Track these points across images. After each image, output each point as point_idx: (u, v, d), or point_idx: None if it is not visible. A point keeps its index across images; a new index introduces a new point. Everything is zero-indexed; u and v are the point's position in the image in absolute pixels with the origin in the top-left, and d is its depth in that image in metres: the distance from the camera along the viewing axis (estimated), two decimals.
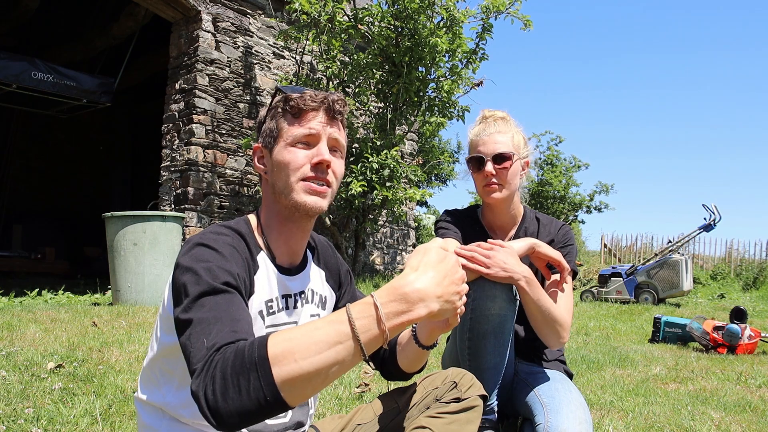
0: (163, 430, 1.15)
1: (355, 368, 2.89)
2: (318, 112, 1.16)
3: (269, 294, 1.17)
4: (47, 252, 9.94)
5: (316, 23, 6.53)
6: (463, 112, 7.17)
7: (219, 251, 1.04)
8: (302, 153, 1.14)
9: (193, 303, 0.93)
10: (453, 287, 0.88)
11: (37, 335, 3.34)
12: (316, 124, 1.15)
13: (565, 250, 1.83)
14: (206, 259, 1.01)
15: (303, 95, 1.15)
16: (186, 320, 0.92)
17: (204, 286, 0.95)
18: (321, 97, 1.16)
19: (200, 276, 0.97)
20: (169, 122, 6.96)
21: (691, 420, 2.22)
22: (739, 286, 11.72)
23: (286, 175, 1.14)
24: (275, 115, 1.18)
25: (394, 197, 6.52)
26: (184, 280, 0.98)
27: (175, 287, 1.00)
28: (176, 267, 1.03)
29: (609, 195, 22.92)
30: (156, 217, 5.12)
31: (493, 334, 1.63)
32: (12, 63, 7.69)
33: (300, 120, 1.15)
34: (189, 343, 0.89)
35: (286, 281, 1.21)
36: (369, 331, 0.82)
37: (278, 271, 1.20)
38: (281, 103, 1.18)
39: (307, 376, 0.79)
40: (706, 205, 7.75)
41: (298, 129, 1.14)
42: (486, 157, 1.78)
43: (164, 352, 1.14)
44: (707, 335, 4.08)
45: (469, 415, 1.32)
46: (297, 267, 1.26)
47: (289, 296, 1.22)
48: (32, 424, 1.90)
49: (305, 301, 1.26)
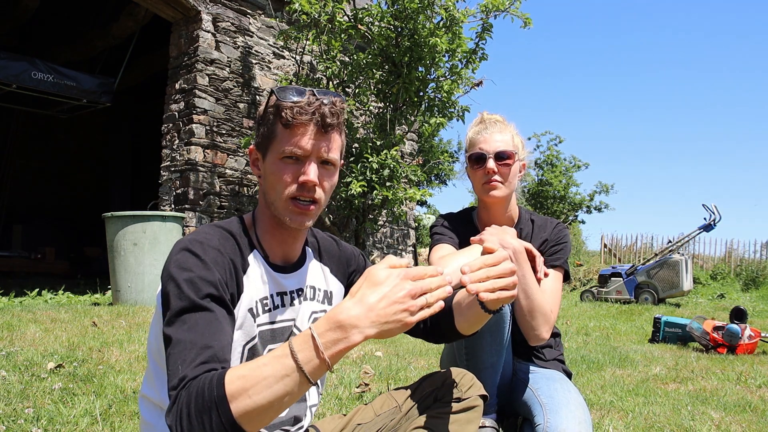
0: (160, 427, 1.15)
1: (356, 368, 2.89)
2: (308, 126, 1.12)
3: (263, 292, 1.18)
4: (47, 252, 9.93)
5: (316, 23, 6.53)
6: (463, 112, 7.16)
7: (202, 258, 1.06)
8: (290, 169, 1.13)
9: (175, 319, 0.99)
10: (394, 307, 0.89)
11: (37, 335, 3.34)
12: (305, 141, 1.12)
13: (558, 248, 1.84)
14: (189, 268, 1.03)
15: (294, 107, 1.11)
16: (167, 336, 0.98)
17: (185, 301, 1.00)
18: (313, 109, 1.11)
19: (182, 290, 1.01)
20: (169, 122, 6.96)
21: (691, 420, 2.23)
22: (739, 286, 11.72)
23: (276, 189, 1.14)
24: (268, 121, 1.16)
25: (394, 197, 6.52)
26: (168, 290, 1.02)
27: (162, 294, 1.05)
28: (164, 269, 1.07)
29: (609, 195, 22.93)
30: (156, 217, 5.12)
31: (489, 333, 1.63)
32: (12, 63, 7.68)
33: (291, 132, 1.12)
34: (168, 364, 0.96)
35: (281, 279, 1.22)
36: (311, 361, 0.87)
37: (272, 269, 1.20)
38: (274, 110, 1.15)
39: (262, 408, 0.86)
40: (706, 205, 7.76)
41: (288, 145, 1.12)
42: (488, 154, 1.79)
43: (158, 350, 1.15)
44: (707, 335, 4.08)
45: (470, 415, 1.32)
46: (293, 265, 1.25)
47: (285, 293, 1.22)
48: (32, 424, 1.90)
49: (303, 299, 1.26)
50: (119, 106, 10.43)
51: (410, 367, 3.03)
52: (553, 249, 1.85)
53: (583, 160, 22.41)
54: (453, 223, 1.95)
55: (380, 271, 0.92)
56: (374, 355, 3.32)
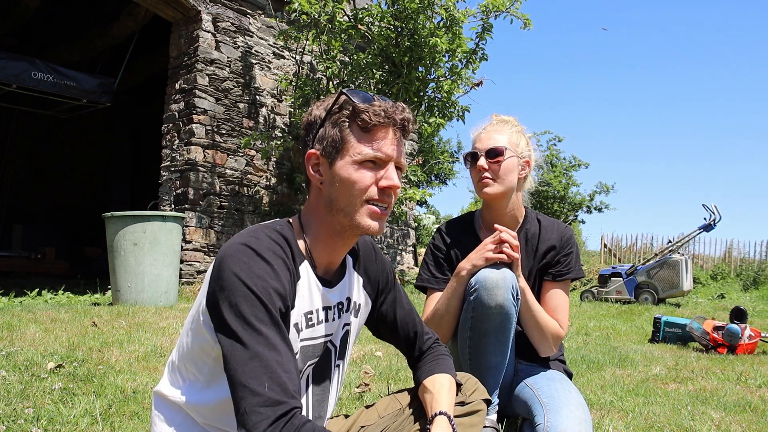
0: (176, 424, 1.14)
1: (356, 368, 2.89)
2: (388, 130, 1.10)
3: (309, 306, 1.14)
4: (47, 252, 9.94)
5: (316, 23, 6.53)
6: (463, 112, 7.17)
7: (272, 265, 1.02)
8: (369, 174, 1.10)
9: (248, 326, 0.95)
10: None
11: (37, 335, 3.34)
12: (387, 147, 1.10)
13: (568, 259, 1.84)
14: (260, 275, 0.99)
15: (372, 107, 1.09)
16: (239, 340, 0.95)
17: (259, 311, 0.96)
18: (392, 112, 1.10)
19: (257, 296, 0.97)
20: (169, 122, 6.96)
21: (691, 420, 2.22)
22: (739, 286, 11.73)
23: (351, 194, 1.10)
24: (339, 123, 1.11)
25: None
26: (236, 297, 0.97)
27: (224, 296, 0.98)
28: (223, 268, 1.00)
29: (609, 195, 22.93)
30: (156, 217, 5.12)
31: (495, 333, 1.63)
32: (12, 63, 7.69)
33: (370, 137, 1.09)
34: (238, 382, 0.93)
35: (327, 293, 1.18)
36: None
37: (320, 282, 1.16)
38: (348, 112, 1.10)
39: None
40: (706, 205, 7.76)
41: (368, 149, 1.09)
42: (479, 152, 1.81)
43: (194, 353, 1.12)
44: (707, 335, 4.08)
45: (473, 419, 1.31)
46: (336, 276, 1.22)
47: (329, 308, 1.19)
48: (32, 424, 1.90)
49: (342, 311, 1.24)
50: (119, 106, 10.43)
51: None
52: (564, 259, 1.84)
53: (583, 160, 22.44)
54: (453, 233, 1.94)
55: None
56: (374, 355, 3.32)
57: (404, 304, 1.40)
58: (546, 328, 1.75)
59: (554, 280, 1.84)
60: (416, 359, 1.40)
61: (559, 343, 1.79)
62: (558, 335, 1.77)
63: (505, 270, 1.63)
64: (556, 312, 1.80)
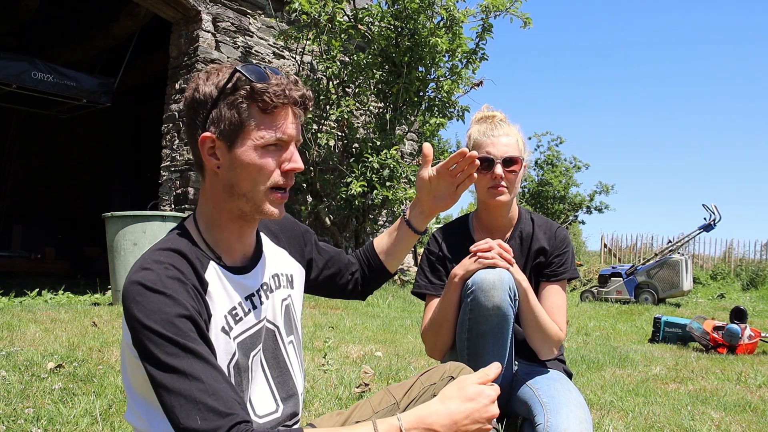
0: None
1: (355, 368, 2.89)
2: (287, 109, 1.06)
3: (230, 303, 1.11)
4: (47, 252, 9.94)
5: (316, 23, 6.53)
6: (463, 112, 7.18)
7: (166, 293, 0.97)
8: (273, 158, 1.07)
9: (162, 366, 0.93)
10: (475, 425, 1.03)
11: (37, 335, 3.34)
12: (289, 127, 1.07)
13: (562, 259, 1.84)
14: (157, 309, 0.95)
15: (271, 86, 1.03)
16: (160, 385, 0.94)
17: (167, 347, 0.94)
18: (291, 90, 1.06)
19: (159, 334, 0.94)
20: (169, 122, 6.96)
21: (691, 420, 2.22)
22: (739, 286, 11.72)
23: (255, 181, 1.06)
24: (237, 105, 1.04)
25: (394, 197, 6.52)
26: (143, 339, 0.95)
27: (135, 342, 0.97)
28: (126, 310, 0.98)
29: (609, 195, 22.95)
30: (156, 217, 5.11)
31: (492, 334, 1.63)
32: (12, 63, 7.69)
33: (272, 119, 1.05)
34: (175, 426, 0.93)
35: (244, 281, 1.15)
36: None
37: (233, 274, 1.13)
38: (245, 93, 1.04)
39: None
40: (706, 205, 7.76)
41: (270, 132, 1.05)
42: (496, 159, 1.77)
43: (140, 386, 1.07)
44: (707, 335, 4.08)
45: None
46: (252, 260, 1.19)
47: (252, 295, 1.16)
48: (32, 424, 1.90)
49: (270, 291, 1.22)
50: (119, 106, 10.43)
51: (410, 367, 3.03)
52: (558, 260, 1.83)
53: (583, 161, 22.47)
54: (447, 237, 1.93)
55: (472, 387, 1.05)
56: (374, 355, 3.32)
57: (326, 246, 1.47)
58: (547, 331, 1.73)
59: (550, 280, 1.83)
60: (360, 276, 1.51)
61: (558, 345, 1.78)
62: (558, 338, 1.76)
63: (502, 271, 1.62)
64: (553, 313, 1.79)
